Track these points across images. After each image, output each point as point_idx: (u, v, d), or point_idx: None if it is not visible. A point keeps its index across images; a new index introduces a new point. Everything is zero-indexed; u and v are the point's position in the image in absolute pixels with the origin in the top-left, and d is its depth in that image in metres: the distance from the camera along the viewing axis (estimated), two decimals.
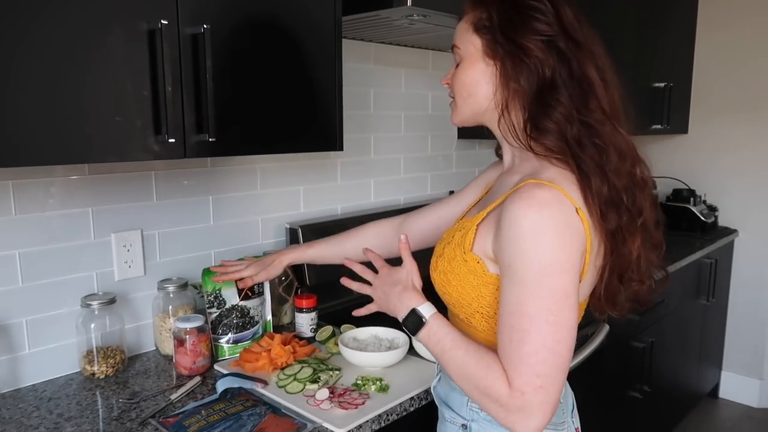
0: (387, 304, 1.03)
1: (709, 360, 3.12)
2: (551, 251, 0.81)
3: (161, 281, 1.47)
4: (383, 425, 1.16)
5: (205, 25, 1.10)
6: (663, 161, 3.22)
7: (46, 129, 0.95)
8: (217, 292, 1.43)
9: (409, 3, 1.40)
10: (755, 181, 3.03)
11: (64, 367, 1.36)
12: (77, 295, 1.35)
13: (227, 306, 1.43)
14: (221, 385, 1.24)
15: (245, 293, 1.45)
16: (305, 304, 1.54)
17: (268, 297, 1.52)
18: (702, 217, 2.95)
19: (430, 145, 2.29)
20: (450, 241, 0.98)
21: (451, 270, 0.95)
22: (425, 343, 0.95)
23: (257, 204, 1.73)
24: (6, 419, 1.16)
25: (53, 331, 1.34)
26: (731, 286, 3.18)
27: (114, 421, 1.14)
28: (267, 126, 1.28)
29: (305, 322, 1.54)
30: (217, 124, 1.15)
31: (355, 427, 1.11)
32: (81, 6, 0.96)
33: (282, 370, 1.31)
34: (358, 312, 1.09)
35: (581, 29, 0.91)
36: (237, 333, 1.43)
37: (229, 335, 1.43)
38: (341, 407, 1.17)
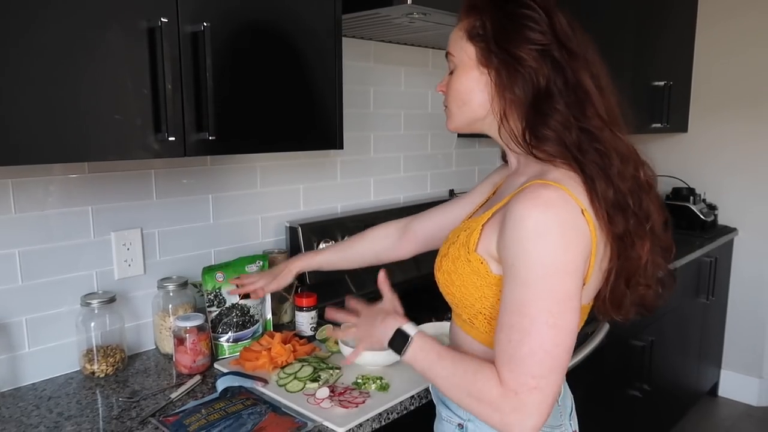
0: (372, 337, 1.03)
1: (709, 358, 3.13)
2: (555, 252, 0.80)
3: (161, 280, 1.47)
4: (383, 424, 1.17)
5: (205, 23, 1.10)
6: (663, 160, 3.22)
7: (45, 127, 0.95)
8: (217, 290, 1.42)
9: (409, 1, 1.40)
10: (755, 180, 3.03)
11: (64, 366, 1.36)
12: (77, 294, 1.35)
13: (227, 305, 1.43)
14: (221, 384, 1.24)
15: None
16: (305, 302, 1.54)
17: (268, 296, 1.52)
18: (701, 216, 2.95)
19: (429, 144, 2.29)
20: (455, 241, 0.98)
21: (455, 270, 0.95)
22: (413, 361, 0.94)
23: (257, 202, 1.73)
24: (6, 418, 1.16)
25: (53, 330, 1.34)
26: (731, 284, 3.18)
27: (114, 420, 1.14)
28: (267, 124, 1.28)
29: (305, 320, 1.54)
30: (217, 122, 1.15)
31: (356, 426, 1.11)
32: (81, 4, 0.96)
33: (282, 368, 1.31)
34: (349, 359, 1.10)
35: (575, 36, 0.90)
36: (237, 332, 1.43)
37: (229, 334, 1.42)
38: (341, 406, 1.17)
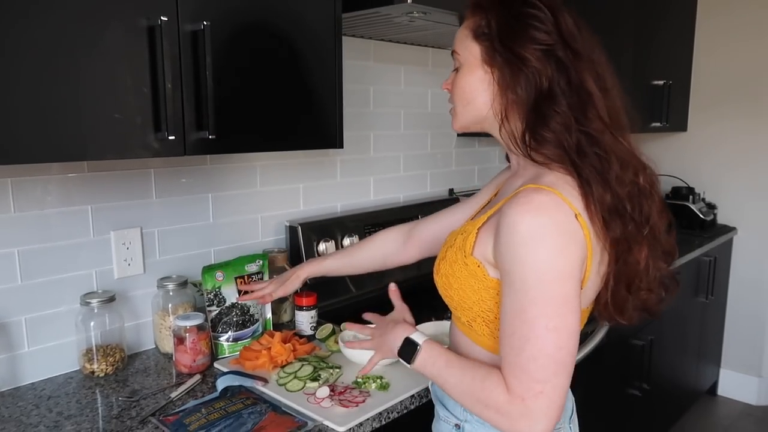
0: (384, 345, 1.06)
1: (708, 357, 3.13)
2: (549, 257, 0.80)
3: (161, 279, 1.46)
4: (384, 423, 1.16)
5: (205, 22, 1.10)
6: (662, 159, 3.17)
7: (44, 126, 0.95)
8: (217, 290, 1.42)
9: (409, 0, 1.40)
10: (754, 179, 3.03)
11: (63, 366, 1.36)
12: (76, 293, 1.35)
13: (227, 304, 1.43)
14: (221, 383, 1.24)
15: (245, 291, 1.44)
16: (305, 302, 1.54)
17: None
18: (701, 215, 2.95)
19: (429, 143, 2.29)
20: (452, 244, 0.98)
21: (453, 273, 0.95)
22: (422, 369, 0.96)
23: (257, 202, 1.72)
24: (5, 418, 1.16)
25: (52, 330, 1.34)
26: (730, 283, 3.18)
27: (114, 420, 1.14)
28: (267, 123, 1.28)
29: (305, 320, 1.54)
30: (217, 121, 1.15)
31: (356, 425, 1.11)
32: (80, 2, 0.96)
33: (282, 368, 1.31)
34: (364, 371, 1.13)
35: (581, 36, 0.90)
36: (237, 331, 1.43)
37: (229, 333, 1.42)
38: (342, 405, 1.16)
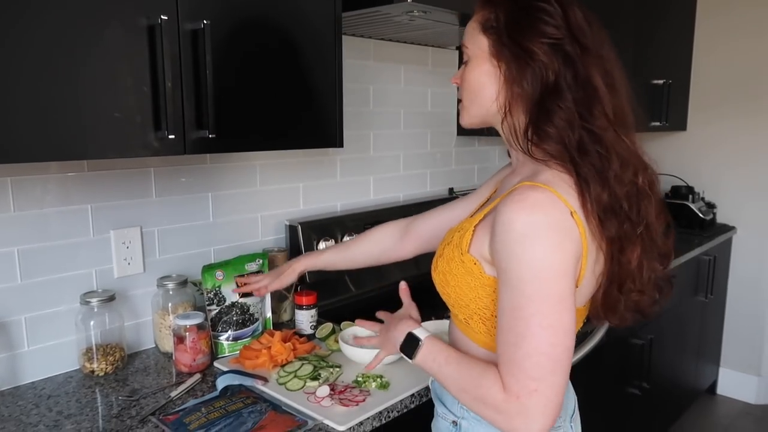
0: (388, 342, 1.08)
1: (708, 356, 3.13)
2: (544, 255, 0.80)
3: (161, 278, 1.46)
4: (384, 422, 1.16)
5: (205, 21, 1.09)
6: (661, 158, 3.14)
7: (44, 125, 0.94)
8: (217, 289, 1.42)
9: None
10: (753, 179, 3.03)
11: (63, 365, 1.36)
12: (76, 293, 1.35)
13: (227, 303, 1.43)
14: (221, 383, 1.24)
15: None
16: (305, 301, 1.54)
17: (268, 294, 1.51)
18: (700, 214, 2.95)
19: (429, 142, 2.29)
20: (449, 242, 0.98)
21: (450, 270, 0.95)
22: (423, 364, 0.96)
23: (256, 201, 1.72)
24: (5, 417, 1.16)
25: (52, 329, 1.34)
26: (729, 282, 3.18)
27: (114, 419, 1.14)
28: (267, 122, 1.27)
29: (305, 319, 1.54)
30: (217, 120, 1.15)
31: (356, 424, 1.11)
32: (80, 1, 0.96)
33: (282, 367, 1.31)
34: (369, 366, 1.18)
35: (590, 31, 0.89)
36: (237, 330, 1.43)
37: (229, 332, 1.42)
38: (342, 404, 1.17)
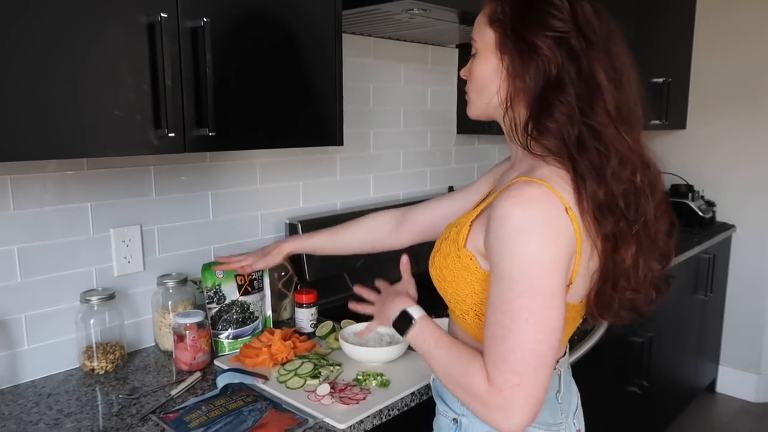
0: (382, 314, 1.08)
1: (707, 355, 3.14)
2: (536, 250, 0.80)
3: (160, 277, 1.46)
4: (384, 420, 1.16)
5: (205, 19, 1.09)
6: (661, 157, 3.18)
7: (43, 123, 0.94)
8: (217, 287, 1.42)
9: None
10: (753, 177, 3.03)
11: (63, 363, 1.35)
12: (76, 291, 1.35)
13: (227, 301, 1.43)
14: (221, 381, 1.24)
15: (245, 288, 1.44)
16: (305, 299, 1.54)
17: (267, 292, 1.52)
18: (700, 213, 2.94)
19: (429, 140, 2.29)
20: (447, 237, 0.98)
21: (446, 266, 0.95)
22: (413, 343, 0.98)
23: (256, 199, 1.72)
24: (5, 415, 1.16)
25: (52, 327, 1.34)
26: (729, 281, 3.19)
27: (114, 417, 1.14)
28: (267, 120, 1.27)
29: (305, 317, 1.54)
30: (217, 118, 1.14)
31: (357, 422, 1.11)
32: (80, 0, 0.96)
33: (282, 365, 1.31)
34: (361, 333, 1.19)
35: (600, 26, 0.88)
36: (237, 328, 1.43)
37: (229, 331, 1.42)
38: (342, 402, 1.17)
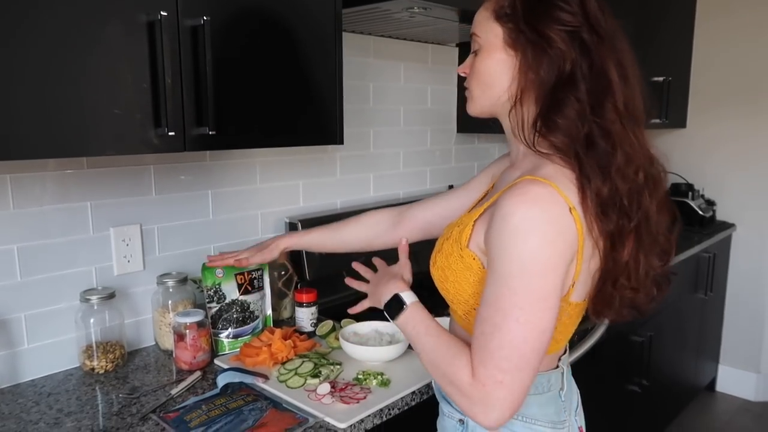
0: (375, 295, 1.08)
1: (707, 354, 3.14)
2: (535, 250, 0.80)
3: (160, 276, 1.46)
4: (385, 419, 1.16)
5: (205, 17, 1.09)
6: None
7: (43, 122, 0.94)
8: (217, 286, 1.42)
9: None
10: (753, 176, 3.03)
11: (63, 363, 1.35)
12: (76, 290, 1.35)
13: (227, 300, 1.43)
14: (222, 380, 1.24)
15: (245, 288, 1.44)
16: (305, 298, 1.54)
17: (267, 291, 1.52)
18: (700, 212, 2.94)
19: (429, 139, 2.29)
20: (448, 237, 0.97)
21: (449, 266, 0.95)
22: (402, 328, 0.98)
23: (256, 198, 1.72)
24: (5, 414, 1.15)
25: (52, 326, 1.33)
26: (729, 280, 3.19)
27: (114, 416, 1.14)
28: (267, 119, 1.27)
29: (305, 316, 1.54)
30: (217, 116, 1.14)
31: (357, 422, 1.11)
32: None
33: (283, 364, 1.31)
34: (353, 310, 1.18)
35: (605, 21, 0.88)
36: (237, 327, 1.43)
37: (229, 330, 1.42)
38: (343, 402, 1.16)
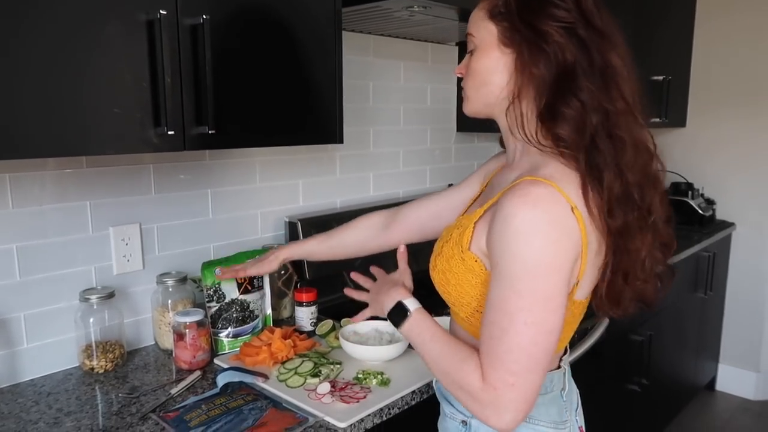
0: (377, 303, 1.07)
1: (707, 353, 3.14)
2: (539, 251, 0.79)
3: (160, 275, 1.46)
4: (385, 419, 1.16)
5: (205, 16, 1.09)
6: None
7: (43, 121, 0.94)
8: (217, 286, 1.42)
9: None
10: (753, 175, 3.03)
11: (62, 362, 1.35)
12: (75, 290, 1.34)
13: (227, 300, 1.42)
14: (222, 380, 1.24)
15: (245, 287, 1.44)
16: (305, 297, 1.54)
17: (267, 291, 1.51)
18: (700, 211, 2.94)
19: (429, 138, 2.29)
20: (448, 239, 0.97)
21: (450, 269, 0.94)
22: (407, 335, 0.98)
23: (256, 197, 1.72)
24: (5, 414, 1.15)
25: (52, 326, 1.33)
26: (729, 279, 3.19)
27: (114, 416, 1.14)
28: (267, 118, 1.27)
29: (305, 315, 1.54)
30: (217, 116, 1.14)
31: (357, 421, 1.11)
32: None
33: (283, 364, 1.31)
34: (354, 319, 1.19)
35: (601, 17, 0.88)
36: (237, 327, 1.43)
37: (229, 329, 1.42)
38: (343, 401, 1.16)
